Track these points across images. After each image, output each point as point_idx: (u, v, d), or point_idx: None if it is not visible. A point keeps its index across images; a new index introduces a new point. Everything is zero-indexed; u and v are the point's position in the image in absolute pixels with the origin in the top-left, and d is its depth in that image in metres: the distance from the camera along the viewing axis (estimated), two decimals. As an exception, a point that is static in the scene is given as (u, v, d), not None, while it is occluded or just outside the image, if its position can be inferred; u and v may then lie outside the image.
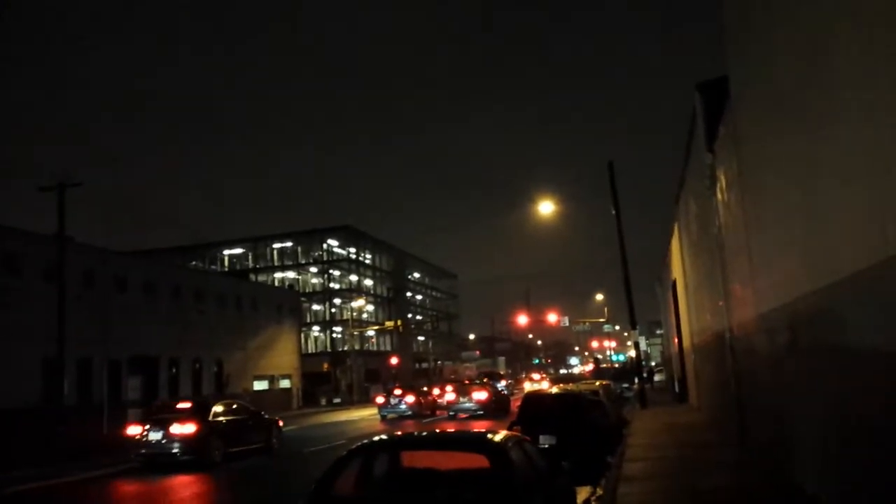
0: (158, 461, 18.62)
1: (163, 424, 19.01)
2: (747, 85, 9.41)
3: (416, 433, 8.96)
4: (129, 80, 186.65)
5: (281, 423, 23.11)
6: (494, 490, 5.78)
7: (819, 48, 6.02)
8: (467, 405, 33.40)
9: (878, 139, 4.85)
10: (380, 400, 36.37)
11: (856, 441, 6.09)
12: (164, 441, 18.70)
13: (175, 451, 18.49)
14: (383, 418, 34.79)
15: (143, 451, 18.88)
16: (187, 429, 18.71)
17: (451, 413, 33.91)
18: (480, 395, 33.63)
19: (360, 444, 6.94)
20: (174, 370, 41.05)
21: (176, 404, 21.75)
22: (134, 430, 20.72)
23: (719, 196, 13.09)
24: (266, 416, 22.20)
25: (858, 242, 5.43)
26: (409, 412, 34.73)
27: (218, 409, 20.29)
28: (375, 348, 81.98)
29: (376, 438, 7.26)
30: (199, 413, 19.65)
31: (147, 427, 19.31)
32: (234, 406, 21.35)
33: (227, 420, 20.03)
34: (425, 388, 41.55)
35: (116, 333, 35.68)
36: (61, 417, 27.39)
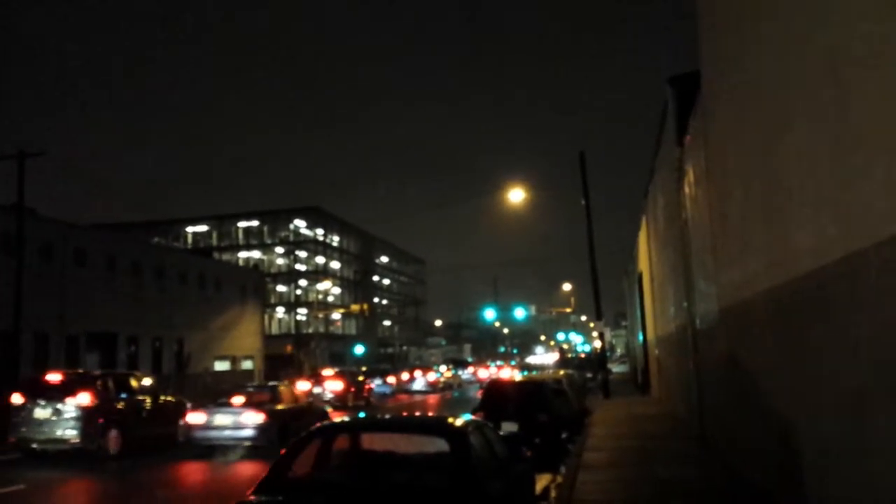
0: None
1: (320, 382, 31.51)
2: (718, 80, 9.42)
3: (376, 416, 8.92)
4: (92, 53, 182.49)
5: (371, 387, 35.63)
6: (453, 474, 5.73)
7: (783, 49, 6.04)
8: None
9: (835, 140, 4.88)
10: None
11: (809, 443, 6.15)
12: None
13: (329, 398, 29.75)
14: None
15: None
16: (338, 385, 31.40)
17: None
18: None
19: (317, 426, 6.85)
20: (133, 348, 40.39)
21: (322, 371, 35.72)
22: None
23: (687, 190, 13.17)
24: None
25: (816, 240, 5.47)
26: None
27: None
28: (340, 332, 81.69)
29: (337, 420, 7.18)
30: (344, 375, 33.39)
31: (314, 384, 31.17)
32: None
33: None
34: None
35: (75, 309, 34.95)
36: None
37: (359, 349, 67.99)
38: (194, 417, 16.56)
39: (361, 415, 15.09)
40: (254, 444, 15.56)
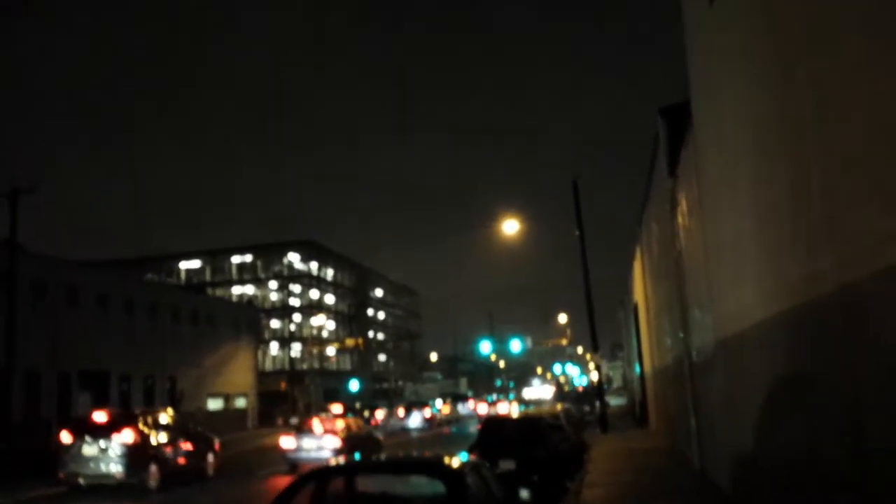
0: None
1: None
2: (708, 110, 9.47)
3: (372, 457, 8.77)
4: (72, 88, 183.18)
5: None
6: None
7: (768, 79, 6.07)
8: None
9: (824, 170, 4.88)
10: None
11: (808, 478, 6.04)
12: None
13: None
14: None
15: None
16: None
17: None
18: None
19: (314, 468, 6.71)
20: (125, 386, 39.98)
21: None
22: None
23: (680, 220, 13.17)
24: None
25: (808, 271, 5.43)
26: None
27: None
28: (335, 367, 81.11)
29: (332, 462, 7.05)
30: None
31: None
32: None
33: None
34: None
35: (67, 347, 34.64)
36: (6, 433, 26.42)
37: (354, 385, 67.46)
38: (286, 442, 21.43)
39: (357, 456, 15.21)
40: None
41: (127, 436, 16.82)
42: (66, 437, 17.23)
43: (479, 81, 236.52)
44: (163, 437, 18.06)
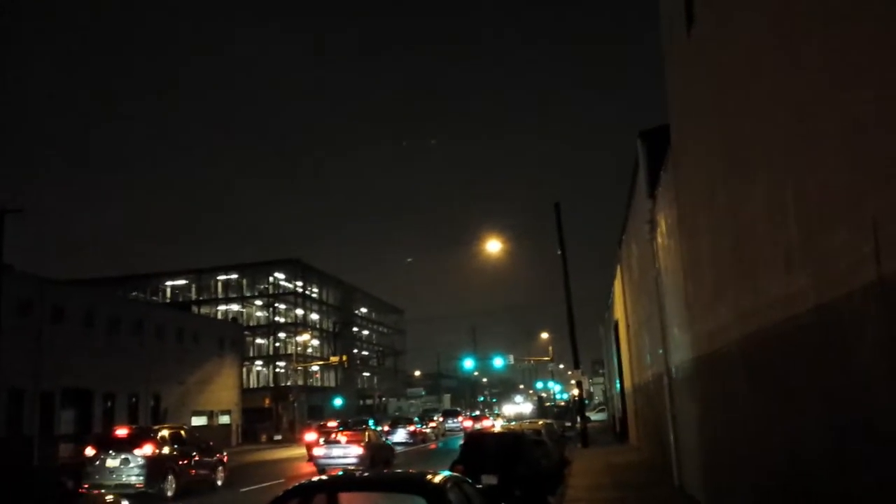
0: None
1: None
2: (687, 134, 9.75)
3: (355, 474, 8.91)
4: (59, 107, 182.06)
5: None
6: (431, 532, 5.76)
7: (747, 104, 6.33)
8: None
9: (801, 193, 5.10)
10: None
11: (787, 493, 6.24)
12: None
13: None
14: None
15: None
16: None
17: None
18: None
19: (296, 484, 6.86)
20: (109, 404, 39.71)
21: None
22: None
23: (659, 240, 13.46)
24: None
25: (785, 291, 5.63)
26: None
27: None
28: (319, 384, 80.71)
29: (315, 479, 7.19)
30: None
31: None
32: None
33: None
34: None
35: (50, 365, 34.40)
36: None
37: (338, 401, 67.22)
38: (317, 451, 25.13)
39: (339, 472, 15.42)
40: (355, 466, 22.74)
41: (147, 449, 18.16)
42: (89, 451, 18.57)
43: (466, 104, 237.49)
44: (178, 451, 19.39)
